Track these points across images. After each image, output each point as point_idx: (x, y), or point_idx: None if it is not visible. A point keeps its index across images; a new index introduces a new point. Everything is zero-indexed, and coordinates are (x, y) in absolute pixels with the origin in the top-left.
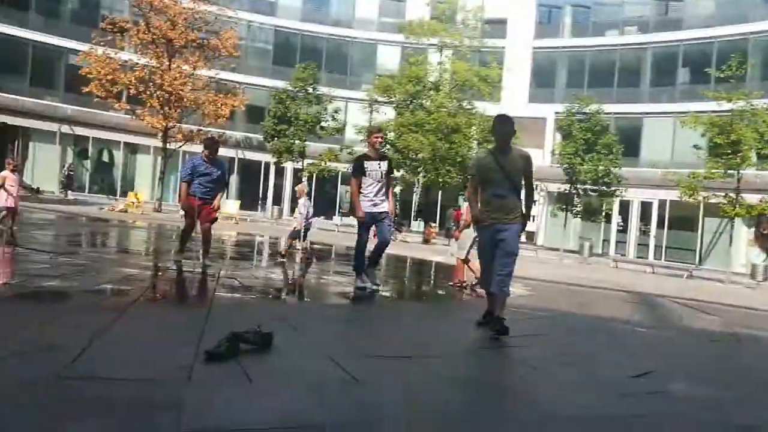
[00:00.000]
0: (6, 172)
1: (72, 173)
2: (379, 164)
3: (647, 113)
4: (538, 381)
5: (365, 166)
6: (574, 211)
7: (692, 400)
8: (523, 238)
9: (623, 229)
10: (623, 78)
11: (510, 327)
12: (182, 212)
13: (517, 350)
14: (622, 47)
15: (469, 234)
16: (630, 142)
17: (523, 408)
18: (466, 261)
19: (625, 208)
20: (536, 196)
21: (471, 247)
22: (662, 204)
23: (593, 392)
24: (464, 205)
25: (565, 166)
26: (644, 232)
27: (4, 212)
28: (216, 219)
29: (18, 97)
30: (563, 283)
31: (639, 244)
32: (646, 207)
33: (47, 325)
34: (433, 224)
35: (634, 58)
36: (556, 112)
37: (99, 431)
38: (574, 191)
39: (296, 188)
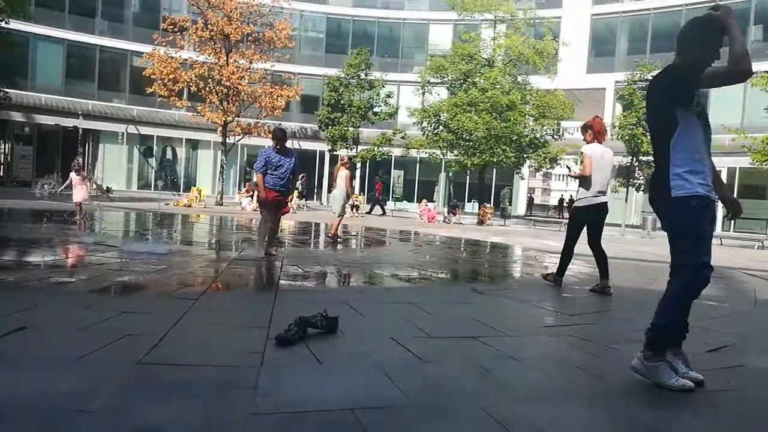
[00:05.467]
0: (72, 174)
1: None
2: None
3: None
4: (609, 359)
5: (695, 96)
6: (636, 185)
7: None
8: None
9: None
10: None
11: (575, 305)
12: (253, 204)
13: (584, 328)
14: (688, 7)
15: (340, 194)
16: None
17: (596, 386)
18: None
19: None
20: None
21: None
22: (731, 172)
23: None
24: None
25: (625, 137)
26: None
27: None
28: (288, 211)
29: (87, 101)
30: (626, 259)
31: None
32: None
33: (126, 315)
34: (488, 205)
35: None
36: (617, 82)
37: (177, 413)
38: (636, 164)
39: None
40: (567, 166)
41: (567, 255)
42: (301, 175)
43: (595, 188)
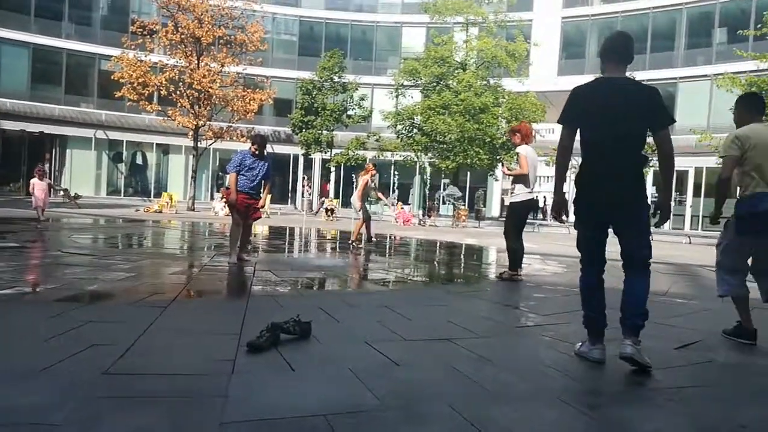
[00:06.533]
0: (34, 179)
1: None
2: None
3: (682, 77)
4: (580, 358)
5: None
6: None
7: (740, 368)
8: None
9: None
10: (656, 43)
11: (547, 305)
12: (226, 209)
13: (557, 327)
14: (655, 10)
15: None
16: None
17: (568, 385)
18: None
19: (658, 178)
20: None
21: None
22: (698, 172)
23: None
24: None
25: None
26: (679, 202)
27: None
28: (259, 217)
29: (54, 105)
30: None
31: (674, 215)
32: (681, 176)
33: (94, 324)
34: (462, 207)
35: (667, 20)
36: None
37: (144, 424)
38: None
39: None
40: (506, 166)
41: (516, 247)
42: (304, 177)
43: (529, 185)
